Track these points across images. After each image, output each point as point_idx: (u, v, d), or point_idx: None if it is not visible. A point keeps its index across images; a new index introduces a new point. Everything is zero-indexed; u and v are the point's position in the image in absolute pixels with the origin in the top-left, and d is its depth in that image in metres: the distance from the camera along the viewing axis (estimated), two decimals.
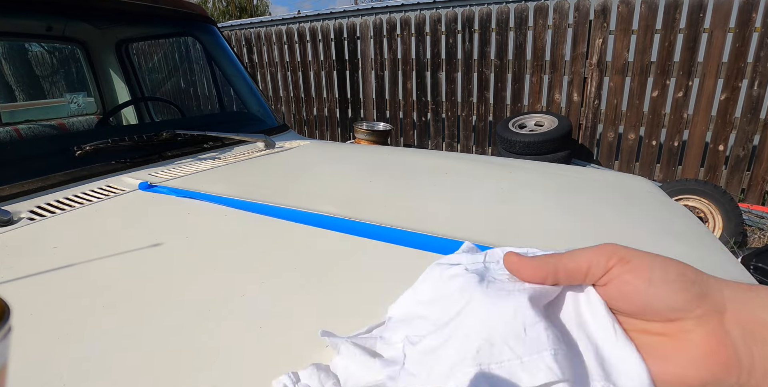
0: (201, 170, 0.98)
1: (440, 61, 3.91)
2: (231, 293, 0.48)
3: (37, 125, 1.75)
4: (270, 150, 1.18)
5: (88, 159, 0.92)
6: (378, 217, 0.69)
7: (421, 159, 1.13)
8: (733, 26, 2.81)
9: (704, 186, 2.46)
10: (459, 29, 3.76)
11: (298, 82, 4.88)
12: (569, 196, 0.84)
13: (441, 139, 4.12)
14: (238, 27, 5.57)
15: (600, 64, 3.27)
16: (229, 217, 0.70)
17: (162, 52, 2.30)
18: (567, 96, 3.45)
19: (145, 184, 0.85)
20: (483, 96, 3.79)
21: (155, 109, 2.02)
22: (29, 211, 0.73)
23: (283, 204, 0.75)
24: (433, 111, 4.08)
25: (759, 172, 2.95)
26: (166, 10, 1.30)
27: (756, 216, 2.66)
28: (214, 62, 1.54)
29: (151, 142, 1.03)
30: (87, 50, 1.88)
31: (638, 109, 3.21)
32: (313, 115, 4.91)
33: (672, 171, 3.21)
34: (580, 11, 3.23)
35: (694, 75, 2.99)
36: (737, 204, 2.40)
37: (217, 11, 11.23)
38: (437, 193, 0.84)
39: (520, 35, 3.50)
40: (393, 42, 4.12)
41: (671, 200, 0.88)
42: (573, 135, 3.42)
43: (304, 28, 4.61)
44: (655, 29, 3.04)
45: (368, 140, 3.80)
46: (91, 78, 1.93)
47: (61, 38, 1.84)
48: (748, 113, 2.88)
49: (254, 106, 1.48)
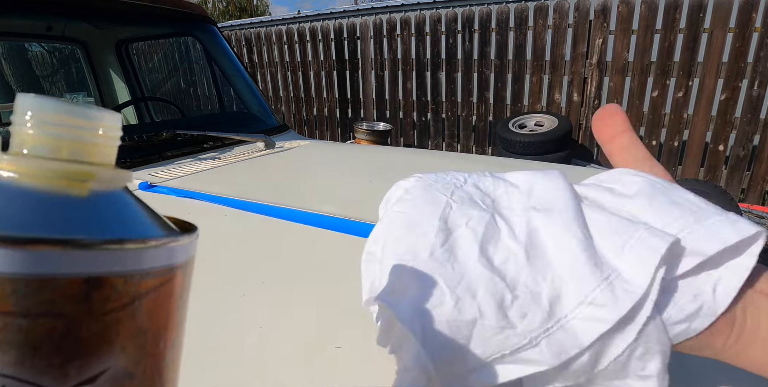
0: (201, 170, 0.98)
1: (440, 61, 3.91)
2: (231, 293, 0.48)
3: None
4: (270, 150, 1.18)
5: None
6: (378, 217, 0.69)
7: (421, 159, 1.13)
8: (733, 26, 2.81)
9: (704, 186, 2.46)
10: (459, 29, 3.76)
11: (298, 82, 4.88)
12: None
13: (441, 139, 4.12)
14: (238, 27, 5.57)
15: (600, 64, 3.27)
16: (229, 217, 0.70)
17: (162, 52, 2.30)
18: (567, 96, 3.45)
19: (145, 184, 0.85)
20: (483, 96, 3.79)
21: (155, 109, 2.02)
22: None
23: (283, 204, 0.75)
24: (433, 111, 4.08)
25: (759, 172, 2.95)
26: (166, 10, 1.30)
27: (756, 216, 2.66)
28: (214, 62, 1.54)
29: (151, 142, 1.03)
30: (87, 50, 1.88)
31: (638, 109, 3.21)
32: (313, 115, 4.91)
33: (672, 171, 3.21)
34: (580, 11, 3.23)
35: (694, 75, 2.99)
36: (737, 204, 2.40)
37: (217, 11, 11.24)
38: None
39: (520, 35, 3.50)
40: (393, 42, 4.12)
41: None
42: (573, 135, 3.42)
43: (304, 28, 4.61)
44: (655, 29, 3.04)
45: (368, 140, 3.80)
46: (91, 78, 1.93)
47: (61, 38, 1.84)
48: (748, 113, 2.88)
49: (254, 106, 1.48)
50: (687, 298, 0.21)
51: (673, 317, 0.21)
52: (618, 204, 0.23)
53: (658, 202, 0.22)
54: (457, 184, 0.26)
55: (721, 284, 0.21)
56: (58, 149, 0.12)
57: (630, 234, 0.21)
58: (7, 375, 0.10)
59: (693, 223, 0.21)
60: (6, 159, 0.12)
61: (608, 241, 0.21)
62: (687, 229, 0.21)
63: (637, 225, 0.21)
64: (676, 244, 0.20)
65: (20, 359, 0.10)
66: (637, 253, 0.20)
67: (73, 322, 0.11)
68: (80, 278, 0.11)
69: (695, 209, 0.22)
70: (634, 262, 0.20)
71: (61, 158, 0.12)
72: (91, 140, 0.13)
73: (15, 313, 0.10)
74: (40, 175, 0.12)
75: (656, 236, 0.20)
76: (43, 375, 0.11)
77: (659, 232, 0.21)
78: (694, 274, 0.21)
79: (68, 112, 0.12)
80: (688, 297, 0.21)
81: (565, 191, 0.24)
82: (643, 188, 0.23)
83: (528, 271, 0.21)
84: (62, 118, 0.12)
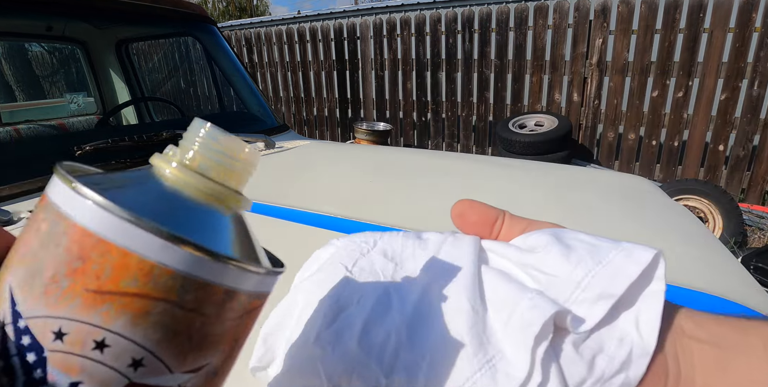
0: None
1: (440, 61, 3.91)
2: None
3: (37, 125, 1.75)
4: (270, 150, 1.18)
5: (88, 159, 0.92)
6: (378, 217, 0.69)
7: (421, 159, 1.13)
8: (733, 26, 2.81)
9: (704, 186, 2.46)
10: (459, 29, 3.76)
11: (298, 82, 4.88)
12: (569, 196, 0.84)
13: (441, 139, 4.12)
14: (238, 27, 5.57)
15: (600, 64, 3.27)
16: None
17: (162, 52, 2.30)
18: (567, 96, 3.45)
19: None
20: (483, 96, 3.79)
21: (155, 109, 2.02)
22: (29, 211, 0.73)
23: (283, 204, 0.75)
24: (433, 111, 4.08)
25: (759, 172, 2.95)
26: (166, 10, 1.30)
27: (756, 216, 2.66)
28: (214, 62, 1.54)
29: (151, 142, 1.03)
30: (87, 50, 1.88)
31: (638, 109, 3.21)
32: (313, 115, 4.91)
33: (672, 171, 3.21)
34: (580, 11, 3.23)
35: (694, 75, 2.99)
36: (737, 204, 2.40)
37: (217, 11, 11.24)
38: (437, 193, 0.84)
39: (520, 35, 3.50)
40: (393, 42, 4.12)
41: (671, 200, 0.88)
42: (573, 135, 3.42)
43: (304, 28, 4.61)
44: (655, 29, 3.04)
45: (368, 140, 3.80)
46: (91, 78, 1.93)
47: (61, 38, 1.84)
48: (748, 113, 2.88)
49: (254, 106, 1.48)
50: (614, 344, 0.19)
51: (607, 371, 0.19)
52: (522, 259, 0.23)
53: (556, 251, 0.22)
54: (364, 251, 0.26)
55: (642, 318, 0.20)
56: (215, 171, 0.15)
57: (514, 307, 0.20)
58: (147, 349, 0.13)
59: (594, 266, 0.20)
60: (176, 167, 0.15)
61: (498, 314, 0.20)
62: (590, 273, 0.20)
63: (524, 294, 0.20)
64: (564, 313, 0.19)
65: (162, 340, 0.13)
66: (517, 330, 0.19)
67: (207, 320, 0.14)
68: (223, 288, 0.14)
69: (591, 249, 0.21)
70: (516, 340, 0.19)
71: (216, 180, 0.15)
72: (239, 169, 0.16)
73: (175, 303, 0.13)
74: (201, 189, 0.15)
75: (536, 308, 0.19)
76: (171, 357, 0.13)
77: (542, 302, 0.19)
78: (613, 317, 0.20)
79: (230, 145, 0.15)
80: (615, 342, 0.20)
81: (469, 256, 0.23)
82: (540, 241, 0.23)
83: (408, 351, 0.20)
84: (225, 148, 0.15)
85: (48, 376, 0.12)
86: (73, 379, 0.12)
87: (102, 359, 0.12)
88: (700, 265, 0.60)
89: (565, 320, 0.19)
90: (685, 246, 0.65)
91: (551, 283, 0.21)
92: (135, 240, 0.12)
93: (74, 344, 0.12)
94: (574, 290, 0.20)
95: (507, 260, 0.23)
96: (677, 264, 0.59)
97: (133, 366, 0.13)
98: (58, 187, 0.13)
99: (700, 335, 0.20)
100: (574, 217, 0.73)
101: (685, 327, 0.20)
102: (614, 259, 0.20)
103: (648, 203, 0.83)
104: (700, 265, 0.60)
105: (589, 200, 0.82)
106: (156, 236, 0.12)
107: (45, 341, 0.12)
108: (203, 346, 0.14)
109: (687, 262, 0.59)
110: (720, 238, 2.30)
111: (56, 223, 0.13)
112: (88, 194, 0.13)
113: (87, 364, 0.12)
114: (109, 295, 0.12)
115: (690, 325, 0.20)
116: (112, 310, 0.12)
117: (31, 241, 0.13)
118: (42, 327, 0.12)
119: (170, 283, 0.13)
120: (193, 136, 0.15)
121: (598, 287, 0.20)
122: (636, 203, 0.82)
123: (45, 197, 0.14)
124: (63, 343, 0.12)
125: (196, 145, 0.15)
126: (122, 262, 0.12)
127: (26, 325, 0.13)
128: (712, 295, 0.51)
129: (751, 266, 1.71)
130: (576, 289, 0.20)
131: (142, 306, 0.13)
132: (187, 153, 0.15)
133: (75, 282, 0.12)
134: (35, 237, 0.13)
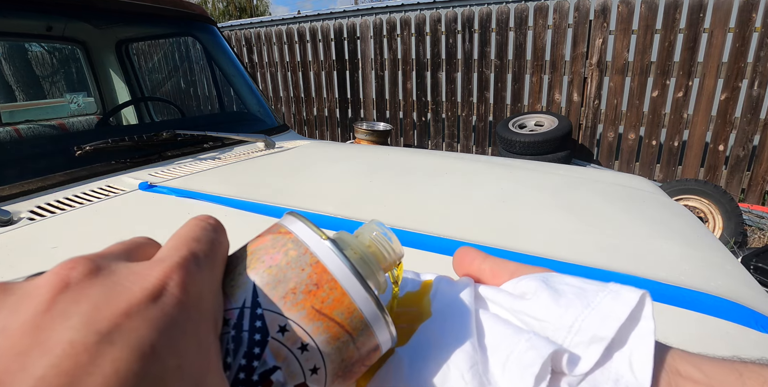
0: (201, 170, 0.98)
1: (440, 61, 3.91)
2: None
3: (37, 125, 1.75)
4: (270, 150, 1.18)
5: (88, 159, 0.92)
6: (378, 217, 0.69)
7: (421, 159, 1.13)
8: (733, 26, 2.81)
9: (704, 186, 2.46)
10: (459, 29, 3.76)
11: (298, 82, 4.88)
12: (569, 196, 0.84)
13: (441, 139, 4.12)
14: (238, 27, 5.57)
15: (600, 64, 3.27)
16: (229, 217, 0.70)
17: (162, 52, 2.30)
18: (567, 96, 3.46)
19: (145, 184, 0.85)
20: (483, 96, 3.79)
21: (155, 109, 2.02)
22: (29, 211, 0.73)
23: (283, 204, 0.75)
24: (433, 111, 4.08)
25: (759, 172, 2.95)
26: (166, 10, 1.30)
27: (756, 216, 2.66)
28: (214, 62, 1.54)
29: (151, 142, 1.03)
30: (87, 50, 1.88)
31: (638, 109, 3.21)
32: (313, 115, 4.91)
33: (672, 171, 3.21)
34: (580, 11, 3.23)
35: (694, 75, 2.99)
36: (737, 204, 2.40)
37: (217, 11, 11.24)
38: (437, 193, 0.84)
39: (520, 35, 3.50)
40: (393, 42, 4.12)
41: (671, 200, 0.88)
42: (573, 135, 3.42)
43: (304, 28, 4.61)
44: (655, 29, 3.04)
45: (368, 140, 3.80)
46: (91, 78, 1.93)
47: (61, 38, 1.84)
48: (748, 113, 2.89)
49: (254, 106, 1.48)
50: (610, 386, 0.20)
51: None
52: (514, 306, 0.23)
53: (545, 296, 0.22)
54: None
55: (635, 359, 0.20)
56: (381, 262, 0.22)
57: (512, 347, 0.20)
58: (325, 363, 0.18)
59: (583, 309, 0.21)
60: (350, 254, 0.20)
61: (496, 355, 0.21)
62: (580, 317, 0.21)
63: (520, 335, 0.21)
64: (560, 353, 0.20)
65: (335, 360, 0.18)
66: (515, 371, 0.20)
67: (360, 359, 0.19)
68: (377, 342, 0.19)
69: (579, 292, 0.22)
70: (515, 381, 0.19)
71: (380, 268, 0.21)
72: (392, 264, 0.22)
73: (353, 339, 0.18)
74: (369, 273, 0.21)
75: (534, 349, 0.20)
76: (332, 374, 0.18)
77: (539, 342, 0.20)
78: (606, 358, 0.20)
79: (394, 246, 0.22)
80: (611, 384, 0.20)
81: (467, 297, 0.23)
82: (529, 287, 0.23)
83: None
84: (390, 249, 0.22)
85: (263, 355, 0.17)
86: (277, 363, 0.17)
87: (300, 357, 0.17)
88: (700, 265, 0.60)
89: (561, 362, 0.20)
90: (685, 246, 0.65)
91: (543, 328, 0.21)
92: (354, 289, 0.18)
93: (289, 339, 0.17)
94: (566, 335, 0.21)
95: (499, 306, 0.23)
96: (677, 264, 0.59)
97: (313, 371, 0.17)
98: (308, 233, 0.19)
99: (696, 376, 0.20)
100: (574, 217, 0.73)
101: (680, 368, 0.20)
102: (602, 302, 0.21)
103: (648, 203, 0.83)
104: (700, 265, 0.60)
105: (589, 200, 0.82)
106: (366, 292, 0.18)
107: (272, 330, 0.17)
108: (348, 376, 0.19)
109: (687, 262, 0.59)
110: (720, 238, 2.30)
111: (304, 255, 0.18)
112: (334, 250, 0.19)
113: (290, 356, 0.17)
114: (324, 317, 0.18)
115: (685, 367, 0.21)
116: (321, 327, 0.17)
117: (279, 258, 0.19)
118: (273, 319, 0.17)
119: (359, 325, 0.18)
120: (369, 232, 0.22)
121: (589, 331, 0.20)
122: (636, 203, 0.82)
123: (291, 233, 0.20)
124: (283, 336, 0.17)
125: (367, 240, 0.22)
126: (340, 299, 0.18)
127: (262, 313, 0.17)
128: (712, 295, 0.51)
129: (751, 266, 1.71)
130: (568, 334, 0.21)
131: (337, 332, 0.18)
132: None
133: (307, 299, 0.18)
134: (283, 257, 0.19)
